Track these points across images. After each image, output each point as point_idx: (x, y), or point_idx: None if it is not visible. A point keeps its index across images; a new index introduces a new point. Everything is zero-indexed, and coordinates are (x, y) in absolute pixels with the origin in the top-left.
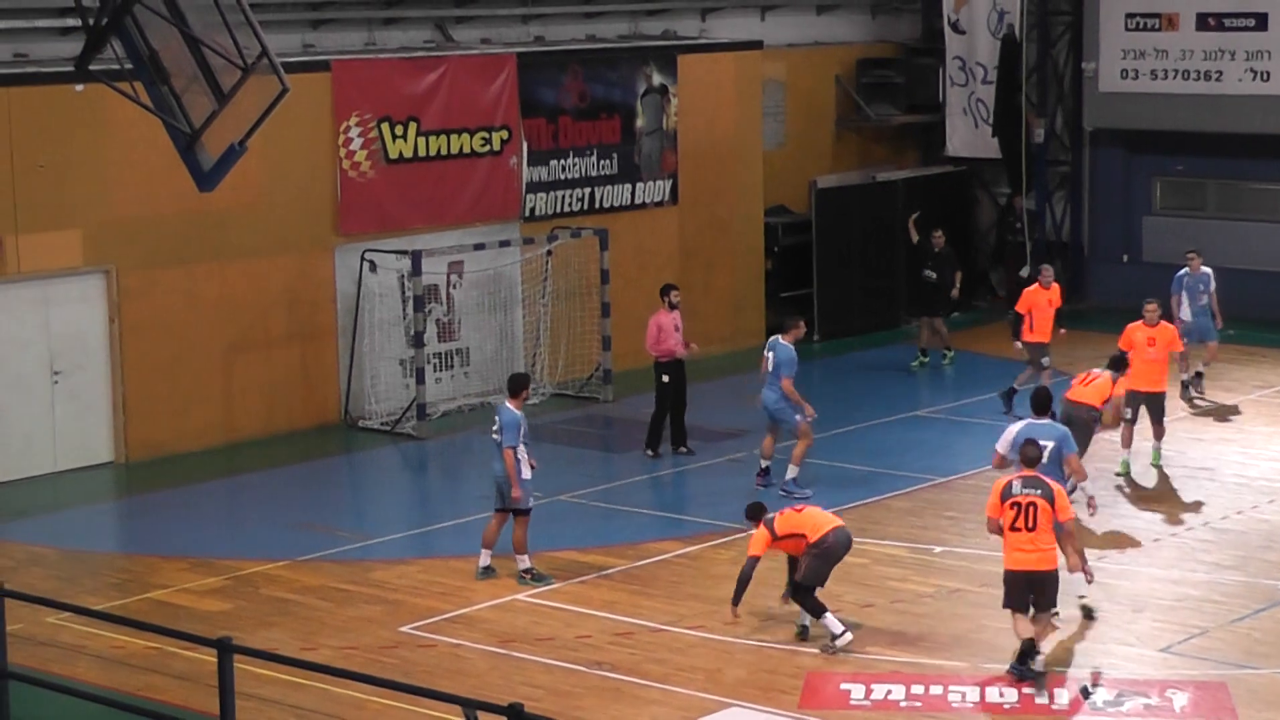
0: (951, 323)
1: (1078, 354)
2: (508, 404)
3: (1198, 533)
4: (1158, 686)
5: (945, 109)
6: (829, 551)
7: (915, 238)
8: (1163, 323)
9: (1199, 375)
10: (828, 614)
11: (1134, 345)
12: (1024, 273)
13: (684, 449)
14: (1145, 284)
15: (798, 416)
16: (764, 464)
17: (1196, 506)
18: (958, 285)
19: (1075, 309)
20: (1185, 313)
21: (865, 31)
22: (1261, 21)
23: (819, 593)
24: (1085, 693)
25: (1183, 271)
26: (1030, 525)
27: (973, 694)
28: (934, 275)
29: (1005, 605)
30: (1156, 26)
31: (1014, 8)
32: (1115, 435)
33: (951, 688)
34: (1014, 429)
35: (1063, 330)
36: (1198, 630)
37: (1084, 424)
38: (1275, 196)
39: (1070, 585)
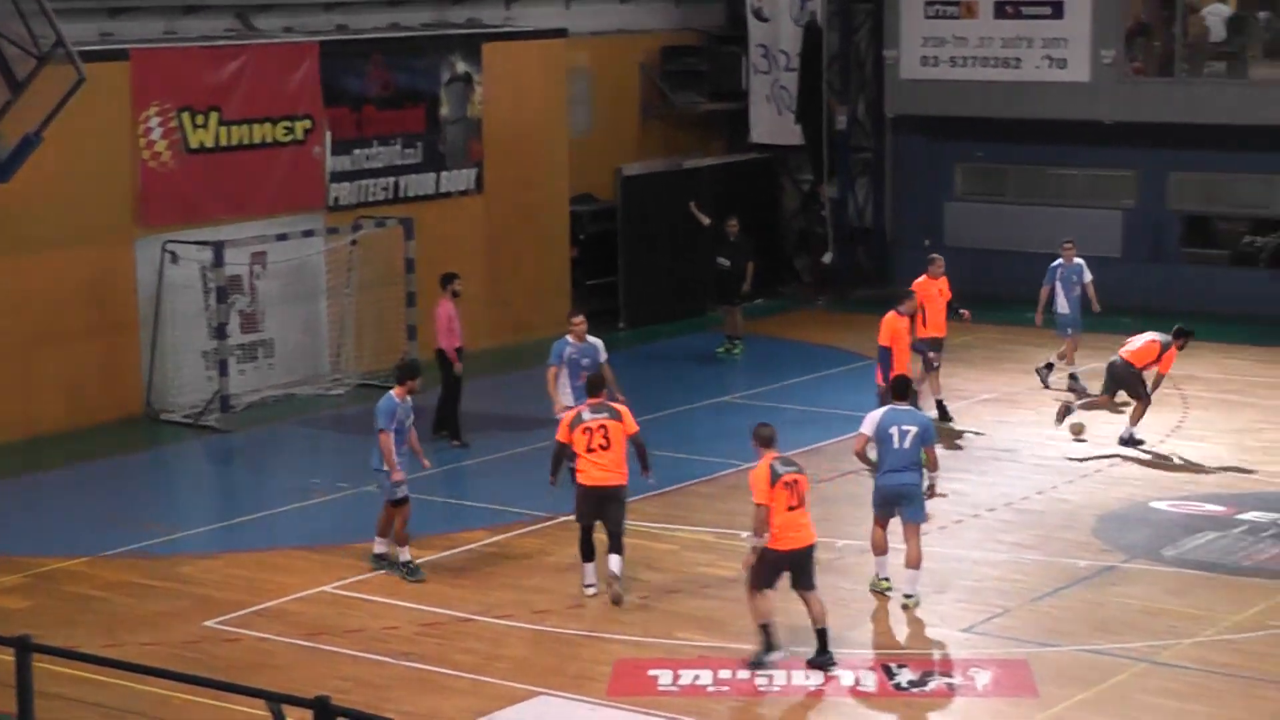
0: (756, 309)
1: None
2: (392, 391)
3: (999, 513)
4: (961, 666)
5: (749, 96)
6: None
7: (705, 221)
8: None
9: (1050, 366)
10: None
11: (928, 297)
12: (826, 259)
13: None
14: (948, 269)
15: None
16: None
17: (998, 488)
18: (748, 278)
19: (879, 294)
20: (1062, 304)
21: (669, 19)
22: (1058, 9)
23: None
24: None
25: (1057, 262)
26: (799, 502)
27: (779, 677)
28: (727, 263)
29: (757, 586)
30: (956, 14)
31: None
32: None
33: (758, 671)
34: (877, 414)
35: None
36: (999, 610)
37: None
38: (1074, 181)
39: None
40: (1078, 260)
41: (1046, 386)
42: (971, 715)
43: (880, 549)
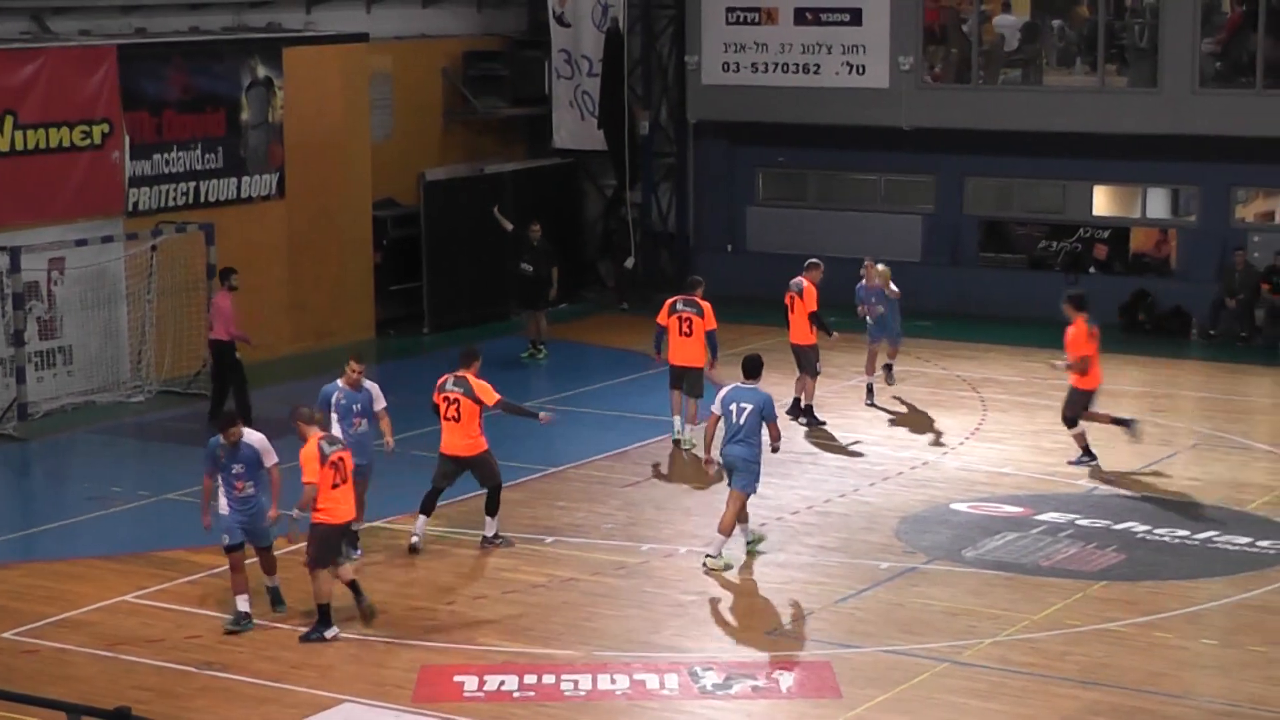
0: (560, 314)
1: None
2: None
3: (802, 516)
4: (765, 668)
5: (552, 101)
6: None
7: (508, 226)
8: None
9: (889, 368)
10: None
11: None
12: (629, 264)
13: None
14: (750, 273)
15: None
16: None
17: (800, 490)
18: (555, 284)
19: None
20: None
21: (472, 24)
22: (856, 16)
23: None
24: None
25: (860, 284)
26: (344, 479)
27: (585, 682)
28: (530, 269)
29: (320, 564)
30: (757, 20)
31: (618, 1)
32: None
33: (564, 676)
34: (723, 391)
35: (835, 334)
36: (803, 612)
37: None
38: (874, 186)
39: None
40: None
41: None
42: (776, 717)
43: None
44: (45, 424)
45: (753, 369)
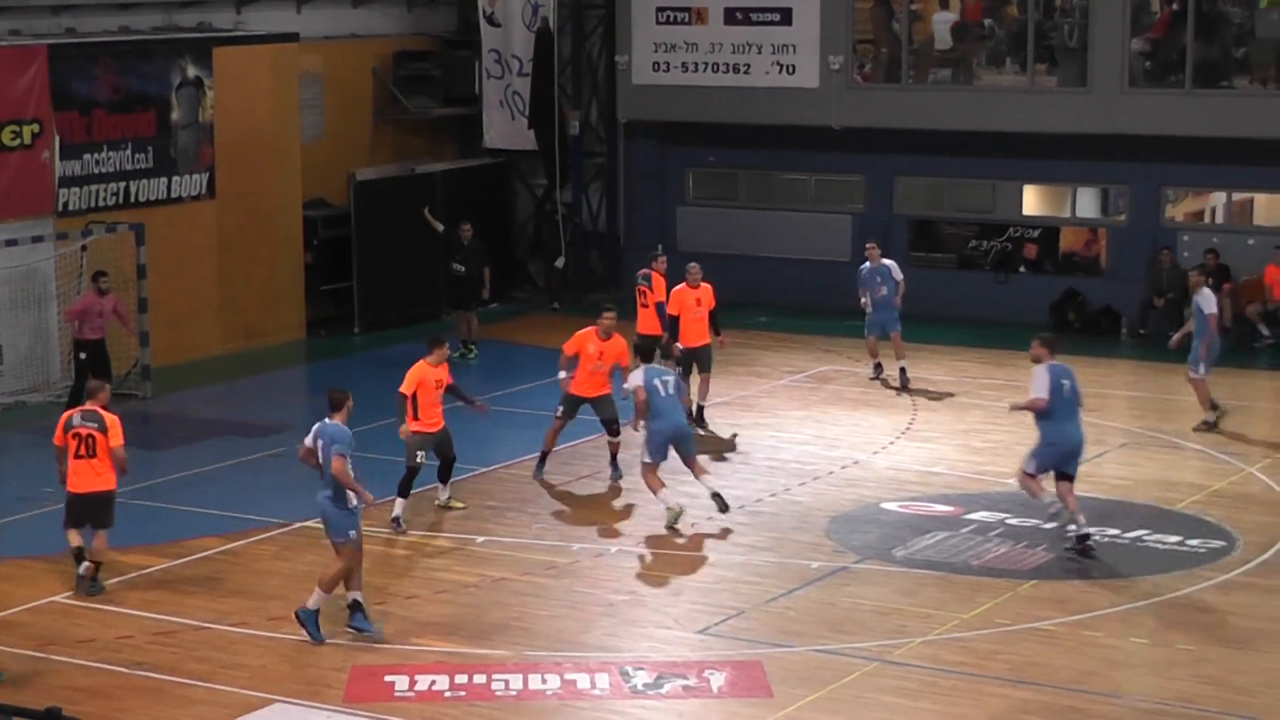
0: (490, 314)
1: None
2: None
3: (733, 515)
4: (696, 667)
5: (482, 101)
6: None
7: (438, 227)
8: (704, 285)
9: (879, 367)
10: None
11: (684, 306)
12: (559, 263)
13: None
14: (679, 272)
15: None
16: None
17: (731, 490)
18: (487, 284)
19: (611, 298)
20: (867, 305)
21: (402, 24)
22: (786, 16)
23: None
24: None
25: (864, 265)
26: (90, 452)
27: (516, 682)
28: (462, 269)
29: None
30: (686, 20)
31: (548, 1)
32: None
33: (495, 676)
34: (639, 373)
35: (721, 338)
36: (734, 611)
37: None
38: (804, 186)
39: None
40: (885, 262)
41: (906, 386)
42: (706, 717)
43: (659, 487)
44: None
45: (648, 351)
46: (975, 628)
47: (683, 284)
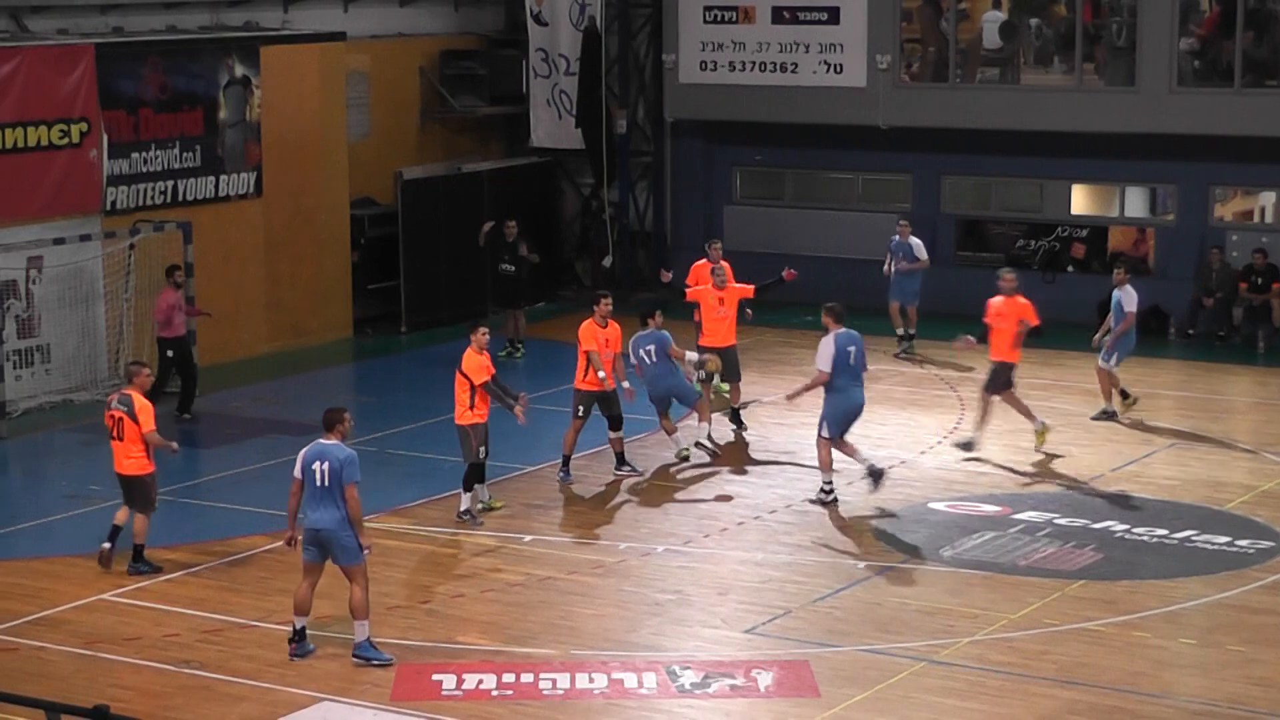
0: (537, 313)
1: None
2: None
3: (780, 515)
4: (743, 667)
5: (529, 100)
6: None
7: (528, 255)
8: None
9: (902, 339)
10: None
11: (708, 305)
12: (607, 263)
13: (187, 416)
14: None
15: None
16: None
17: (777, 490)
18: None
19: (659, 297)
20: (891, 272)
21: (448, 23)
22: (834, 15)
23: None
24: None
25: (894, 237)
26: (119, 435)
27: (563, 681)
28: (511, 268)
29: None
30: (734, 19)
31: (595, 0)
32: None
33: (542, 675)
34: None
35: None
36: (781, 611)
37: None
38: (851, 185)
39: None
40: (911, 240)
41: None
42: (754, 716)
43: (671, 430)
44: (23, 422)
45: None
46: (1023, 628)
47: (703, 261)
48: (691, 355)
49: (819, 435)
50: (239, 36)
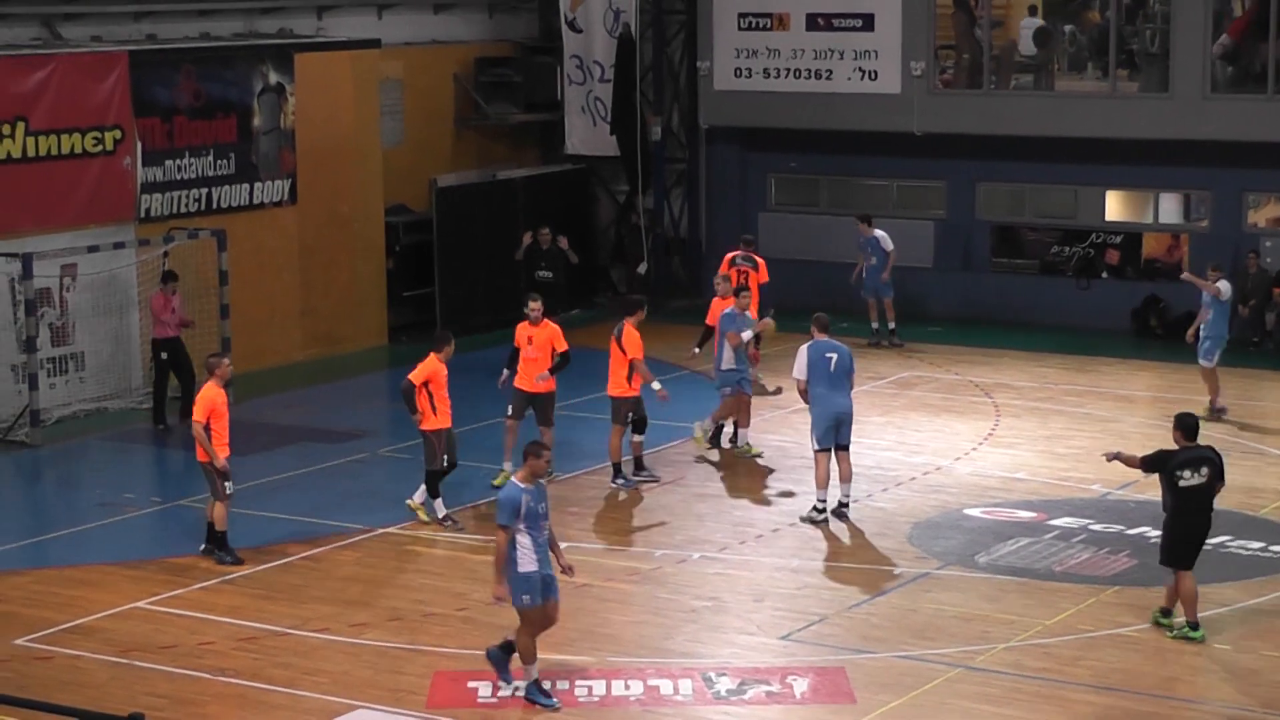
0: (572, 320)
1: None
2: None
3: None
4: (779, 673)
5: (564, 107)
6: None
7: (573, 258)
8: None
9: (876, 331)
10: None
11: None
12: (641, 270)
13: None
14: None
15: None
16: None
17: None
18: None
19: (695, 304)
20: (862, 272)
21: (483, 30)
22: (869, 22)
23: None
24: None
25: (859, 236)
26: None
27: (599, 687)
28: (549, 274)
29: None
30: (768, 26)
31: (629, 7)
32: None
33: (578, 682)
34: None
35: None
36: (816, 617)
37: None
38: (885, 192)
39: None
40: (875, 233)
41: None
42: None
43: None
44: (57, 430)
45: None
46: (1058, 634)
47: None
48: (746, 333)
49: (812, 449)
50: (273, 44)
